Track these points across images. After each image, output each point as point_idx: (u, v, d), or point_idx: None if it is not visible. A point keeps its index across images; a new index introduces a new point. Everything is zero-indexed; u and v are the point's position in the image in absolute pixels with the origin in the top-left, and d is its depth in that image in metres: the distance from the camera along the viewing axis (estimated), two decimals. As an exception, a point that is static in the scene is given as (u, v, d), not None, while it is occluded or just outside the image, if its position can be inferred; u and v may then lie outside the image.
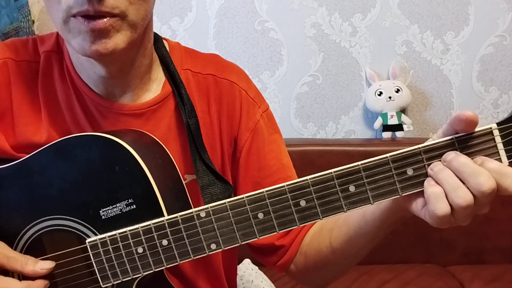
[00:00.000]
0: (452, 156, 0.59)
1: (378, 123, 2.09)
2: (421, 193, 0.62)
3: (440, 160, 0.61)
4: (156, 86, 0.84)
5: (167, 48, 0.87)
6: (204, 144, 0.82)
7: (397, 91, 2.05)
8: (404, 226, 1.88)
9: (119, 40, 0.70)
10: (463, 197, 0.58)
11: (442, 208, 0.59)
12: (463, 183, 0.58)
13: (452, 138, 0.61)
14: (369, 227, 0.74)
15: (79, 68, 0.81)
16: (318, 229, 0.87)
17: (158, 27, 2.09)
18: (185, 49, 0.90)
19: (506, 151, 0.60)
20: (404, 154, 0.62)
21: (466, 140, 0.60)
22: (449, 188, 0.59)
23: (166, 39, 0.90)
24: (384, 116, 2.07)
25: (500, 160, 0.60)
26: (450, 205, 0.59)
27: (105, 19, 0.67)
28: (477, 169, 0.57)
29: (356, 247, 0.79)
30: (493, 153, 0.60)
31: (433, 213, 0.59)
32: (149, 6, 0.74)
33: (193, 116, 0.82)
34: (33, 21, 2.04)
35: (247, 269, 1.66)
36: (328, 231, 0.84)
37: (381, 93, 2.05)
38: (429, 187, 0.60)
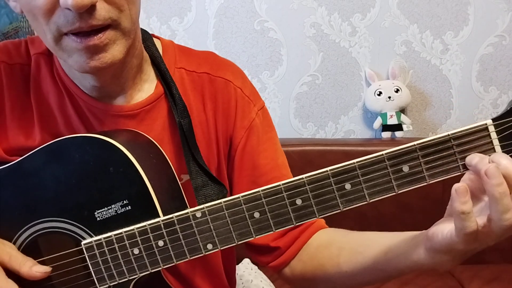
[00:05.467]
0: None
1: (378, 123, 2.09)
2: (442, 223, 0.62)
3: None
4: (148, 86, 0.83)
5: (160, 47, 0.86)
6: (197, 144, 0.82)
7: (397, 91, 2.05)
8: (403, 225, 1.88)
9: (116, 51, 0.69)
10: None
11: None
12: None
13: (448, 135, 0.60)
14: (390, 268, 0.72)
15: (70, 72, 0.80)
16: (326, 243, 0.85)
17: (157, 27, 2.09)
18: (179, 47, 0.89)
19: (502, 147, 0.60)
20: (399, 151, 0.62)
21: (462, 136, 0.60)
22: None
23: (159, 38, 0.89)
24: (384, 116, 2.07)
25: None
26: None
27: (100, 34, 0.66)
28: None
29: (370, 277, 0.78)
30: (489, 149, 0.60)
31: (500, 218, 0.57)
32: (138, 7, 0.73)
33: (186, 116, 0.81)
34: (32, 22, 2.03)
35: (246, 269, 1.66)
36: (337, 249, 0.82)
37: (380, 93, 2.05)
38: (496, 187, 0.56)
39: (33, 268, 0.70)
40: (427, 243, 0.64)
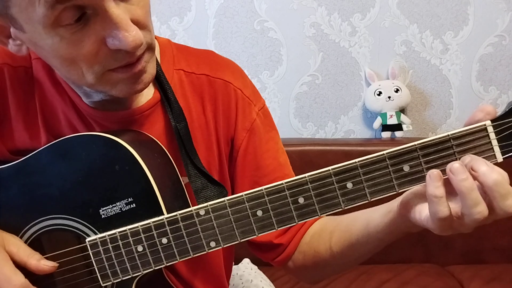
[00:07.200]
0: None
1: (378, 123, 2.09)
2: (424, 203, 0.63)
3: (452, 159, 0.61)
4: (147, 90, 0.82)
5: (157, 47, 0.85)
6: (196, 147, 0.82)
7: (396, 91, 2.05)
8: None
9: (151, 69, 0.71)
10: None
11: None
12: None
13: (447, 135, 0.61)
14: (372, 238, 0.74)
15: (78, 89, 0.79)
16: (319, 230, 0.88)
17: (157, 27, 2.10)
18: (177, 47, 0.88)
19: (500, 147, 0.61)
20: (400, 151, 0.62)
21: (461, 137, 0.61)
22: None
23: (156, 37, 0.88)
24: (384, 116, 2.08)
25: (494, 156, 0.61)
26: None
27: (141, 60, 0.68)
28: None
29: (358, 253, 0.80)
30: (488, 150, 0.61)
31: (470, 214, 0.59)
32: None
33: (182, 120, 0.81)
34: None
35: (246, 269, 1.66)
36: (329, 233, 0.84)
37: (380, 93, 2.06)
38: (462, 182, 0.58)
39: (42, 261, 0.71)
40: (402, 209, 0.66)
